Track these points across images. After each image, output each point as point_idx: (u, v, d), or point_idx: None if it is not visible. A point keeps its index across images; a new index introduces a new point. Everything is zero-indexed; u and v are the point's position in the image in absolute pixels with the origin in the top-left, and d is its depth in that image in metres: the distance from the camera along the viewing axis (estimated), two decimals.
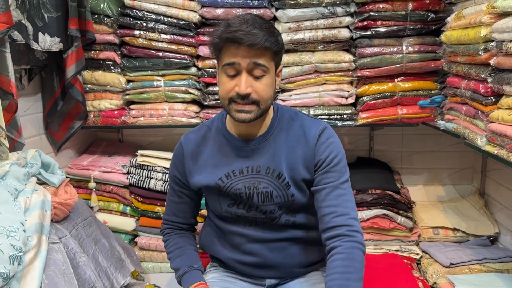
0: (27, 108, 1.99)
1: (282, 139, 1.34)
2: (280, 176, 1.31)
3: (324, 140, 1.31)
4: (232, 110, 1.25)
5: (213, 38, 1.24)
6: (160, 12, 2.04)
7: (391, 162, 2.49)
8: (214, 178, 1.35)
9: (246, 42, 1.17)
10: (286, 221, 1.37)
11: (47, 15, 1.82)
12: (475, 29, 1.52)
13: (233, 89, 1.22)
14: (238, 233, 1.40)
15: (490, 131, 1.48)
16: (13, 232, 1.27)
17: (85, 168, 2.24)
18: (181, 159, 1.42)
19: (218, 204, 1.40)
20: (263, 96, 1.24)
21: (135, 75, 2.14)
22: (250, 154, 1.34)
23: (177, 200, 1.48)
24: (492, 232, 2.11)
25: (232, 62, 1.21)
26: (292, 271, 1.42)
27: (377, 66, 2.02)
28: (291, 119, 1.37)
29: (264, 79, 1.23)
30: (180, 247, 1.46)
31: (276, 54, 1.25)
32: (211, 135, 1.40)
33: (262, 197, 1.33)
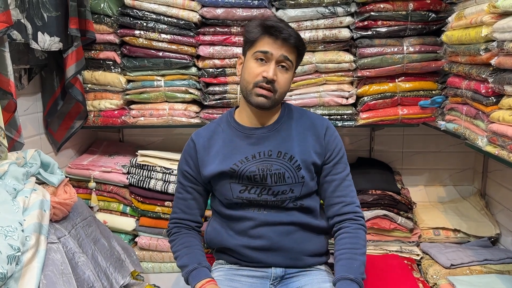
0: (27, 107, 1.99)
1: (292, 128, 1.48)
2: (292, 158, 1.43)
3: (332, 132, 1.49)
4: (253, 94, 1.39)
5: (251, 28, 1.40)
6: (160, 12, 2.03)
7: (391, 163, 2.49)
8: (228, 164, 1.44)
9: (285, 34, 1.35)
10: (294, 204, 1.46)
11: (47, 15, 1.81)
12: (476, 29, 1.51)
13: (260, 75, 1.37)
14: (246, 217, 1.46)
15: (491, 132, 1.48)
16: (11, 232, 1.26)
17: (85, 168, 2.23)
18: (192, 154, 1.50)
19: (229, 191, 1.46)
20: (282, 87, 1.40)
21: (135, 75, 2.14)
22: (261, 141, 1.46)
23: (186, 196, 1.53)
24: (493, 233, 2.11)
25: (266, 50, 1.37)
26: (297, 258, 1.46)
27: (378, 66, 2.01)
28: (298, 112, 1.53)
29: (287, 73, 1.41)
30: (188, 246, 1.48)
31: (300, 56, 1.44)
32: (221, 129, 1.52)
33: (275, 178, 1.43)
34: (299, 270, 1.48)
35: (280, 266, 1.47)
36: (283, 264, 1.47)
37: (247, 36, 1.42)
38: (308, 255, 1.48)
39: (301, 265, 1.48)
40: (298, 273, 1.48)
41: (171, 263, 2.22)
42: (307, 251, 1.47)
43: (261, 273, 1.47)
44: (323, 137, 1.46)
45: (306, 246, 1.47)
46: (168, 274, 2.22)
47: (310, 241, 1.48)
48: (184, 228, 1.54)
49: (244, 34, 1.44)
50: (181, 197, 1.54)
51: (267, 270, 1.47)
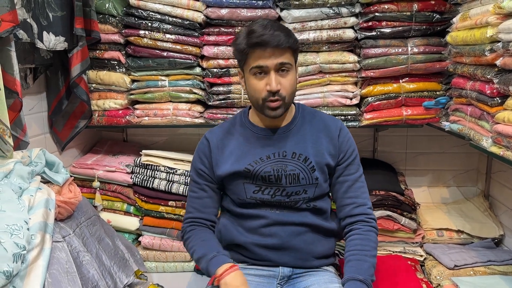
0: (32, 107, 2.00)
1: (306, 129, 1.48)
2: (307, 159, 1.43)
3: (345, 134, 1.49)
4: (266, 108, 1.38)
5: (238, 46, 1.37)
6: (165, 12, 2.04)
7: (395, 163, 2.48)
8: (242, 164, 1.44)
9: (273, 44, 1.31)
10: (307, 205, 1.46)
11: (52, 14, 1.82)
12: (481, 29, 1.51)
13: (264, 89, 1.36)
14: (259, 215, 1.46)
15: (495, 132, 1.47)
16: (17, 230, 1.27)
17: (89, 167, 2.24)
18: (206, 152, 1.50)
19: (243, 191, 1.46)
20: (288, 91, 1.38)
21: (140, 75, 2.14)
22: (275, 142, 1.46)
23: (201, 194, 1.51)
24: (496, 234, 2.10)
25: (260, 65, 1.34)
26: (306, 259, 1.47)
27: (382, 67, 2.01)
28: (311, 113, 1.53)
29: (289, 75, 1.38)
30: (204, 239, 1.46)
31: (295, 51, 1.40)
32: (236, 129, 1.52)
33: (290, 178, 1.43)
34: (306, 270, 1.48)
35: (288, 266, 1.47)
36: (291, 264, 1.47)
37: (237, 53, 1.40)
38: (317, 256, 1.48)
39: (309, 266, 1.48)
40: (305, 273, 1.48)
41: (175, 263, 2.22)
42: (315, 252, 1.47)
43: (268, 272, 1.47)
44: (336, 139, 1.46)
45: (315, 247, 1.47)
46: (172, 274, 2.22)
47: (319, 243, 1.48)
48: (199, 226, 1.51)
49: (234, 50, 1.42)
50: (196, 196, 1.52)
51: (274, 269, 1.47)
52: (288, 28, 1.39)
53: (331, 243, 1.53)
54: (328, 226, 1.49)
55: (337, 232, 1.52)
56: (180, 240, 2.18)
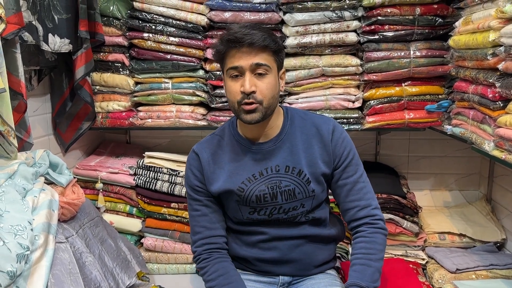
0: (36, 108, 2.01)
1: (297, 137, 1.40)
2: (301, 173, 1.37)
3: (338, 135, 1.40)
4: (241, 113, 1.30)
5: (216, 47, 1.31)
6: (168, 15, 2.05)
7: (397, 167, 2.49)
8: (235, 183, 1.38)
9: (246, 41, 1.24)
10: (306, 218, 1.42)
11: (57, 17, 1.84)
12: (484, 33, 1.51)
13: (239, 91, 1.28)
14: (257, 232, 1.43)
15: (497, 136, 1.48)
16: (20, 231, 1.28)
17: (93, 168, 2.25)
18: (198, 167, 1.42)
19: (238, 212, 1.42)
20: (266, 95, 1.29)
21: (143, 77, 2.16)
22: (267, 156, 1.39)
23: (205, 211, 1.43)
24: (498, 238, 2.10)
25: (235, 66, 1.27)
26: (305, 268, 1.45)
27: (384, 70, 2.02)
28: (302, 118, 1.43)
29: (267, 78, 1.29)
30: (222, 274, 1.36)
31: (276, 54, 1.31)
32: (225, 143, 1.44)
33: (286, 195, 1.38)
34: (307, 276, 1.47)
35: (288, 275, 1.46)
36: (291, 274, 1.46)
37: (215, 55, 1.33)
38: (317, 265, 1.46)
39: (309, 274, 1.47)
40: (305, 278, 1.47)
41: (177, 265, 2.23)
42: (316, 261, 1.45)
43: (269, 279, 1.47)
44: (329, 143, 1.38)
45: (315, 256, 1.45)
46: (174, 276, 2.23)
47: (319, 251, 1.45)
48: (215, 252, 1.41)
49: (213, 54, 1.36)
50: (200, 214, 1.43)
51: (275, 277, 1.46)
52: (270, 31, 1.32)
53: (331, 249, 1.50)
54: (327, 234, 1.46)
55: (337, 236, 1.50)
56: (182, 242, 2.18)
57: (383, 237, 1.37)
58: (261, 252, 1.43)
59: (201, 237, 1.42)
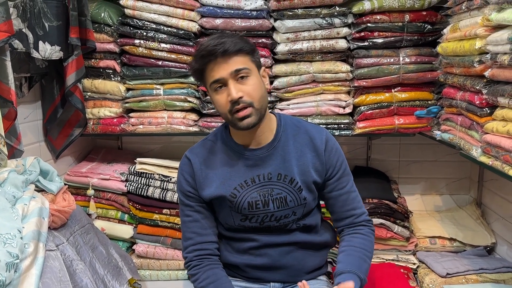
0: (27, 115, 2.01)
1: (290, 145, 1.39)
2: (293, 181, 1.37)
3: (331, 146, 1.40)
4: (235, 121, 1.29)
5: (193, 66, 1.31)
6: (160, 21, 2.06)
7: (388, 172, 2.50)
8: (228, 189, 1.37)
9: (219, 51, 1.24)
10: (297, 225, 1.42)
11: (48, 24, 1.84)
12: (470, 41, 1.53)
13: (227, 101, 1.27)
14: (248, 239, 1.42)
15: (485, 142, 1.49)
16: (10, 239, 1.27)
17: (84, 175, 2.25)
18: (190, 173, 1.41)
19: (230, 218, 1.41)
20: (254, 96, 1.28)
21: (135, 84, 2.16)
22: (260, 163, 1.38)
23: (197, 217, 1.41)
24: (488, 242, 2.12)
25: (216, 79, 1.27)
26: (296, 275, 1.44)
27: (374, 77, 2.04)
28: (295, 125, 1.43)
29: (250, 80, 1.29)
30: (213, 281, 1.35)
31: (251, 54, 1.31)
32: (218, 148, 1.42)
33: (278, 203, 1.38)
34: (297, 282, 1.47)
35: (279, 282, 1.46)
36: (282, 280, 1.45)
37: (195, 75, 1.35)
38: (308, 271, 1.46)
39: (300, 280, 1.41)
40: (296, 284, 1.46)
41: (169, 271, 2.22)
42: (307, 267, 1.45)
43: (260, 286, 1.46)
44: (323, 153, 1.38)
45: (306, 263, 1.45)
46: (166, 282, 2.22)
47: (310, 258, 1.45)
48: (206, 258, 1.40)
49: (192, 74, 1.38)
50: (192, 220, 1.41)
51: (266, 284, 1.46)
52: (239, 35, 1.32)
53: (323, 255, 1.50)
54: (318, 240, 1.46)
55: (329, 242, 1.50)
56: (173, 248, 2.18)
57: (373, 238, 1.44)
58: (252, 258, 1.43)
59: (192, 243, 1.41)
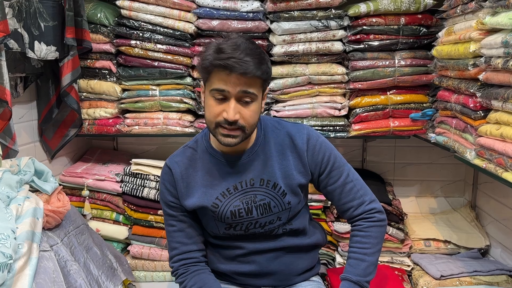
0: (22, 115, 2.00)
1: (271, 149, 1.35)
2: (276, 185, 1.34)
3: (314, 143, 1.35)
4: (218, 134, 1.25)
5: (203, 61, 1.22)
6: (156, 22, 2.06)
7: (383, 174, 2.51)
8: (210, 198, 1.34)
9: (239, 71, 1.17)
10: (283, 230, 1.39)
11: (44, 24, 1.84)
12: (465, 44, 1.55)
13: (221, 114, 1.22)
14: (235, 246, 1.40)
15: (479, 145, 1.50)
16: (3, 239, 1.27)
17: (79, 176, 2.24)
18: (172, 182, 1.37)
19: (215, 227, 1.39)
20: (249, 122, 1.24)
21: (131, 84, 2.16)
22: (241, 169, 1.34)
23: (181, 226, 1.38)
24: (483, 245, 2.13)
25: (222, 89, 1.20)
26: (285, 279, 1.43)
27: (370, 79, 2.04)
28: (275, 127, 1.39)
29: (252, 105, 1.24)
30: (201, 286, 1.33)
31: (265, 81, 1.27)
32: (198, 156, 1.38)
33: (261, 209, 1.34)
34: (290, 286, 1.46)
35: (269, 287, 1.44)
36: (272, 285, 1.44)
37: (201, 67, 1.25)
38: (298, 274, 1.45)
39: (291, 284, 1.46)
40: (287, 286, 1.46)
41: (163, 272, 2.22)
42: (297, 270, 1.44)
43: None
44: (305, 154, 1.34)
45: (296, 266, 1.43)
46: (160, 283, 2.22)
47: (300, 260, 1.44)
48: (191, 265, 1.38)
49: (198, 63, 1.29)
50: (176, 229, 1.38)
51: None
52: (263, 54, 1.24)
53: (313, 255, 1.49)
54: (307, 243, 1.44)
55: (318, 243, 1.49)
56: None
57: (379, 229, 1.36)
58: (239, 266, 1.41)
59: (178, 252, 1.38)
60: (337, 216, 2.14)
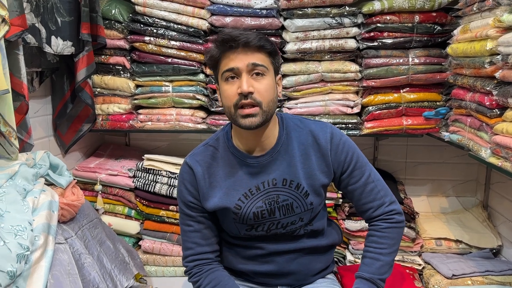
0: (37, 109, 2.02)
1: (294, 149, 1.34)
2: (299, 186, 1.32)
3: (337, 142, 1.34)
4: (238, 117, 1.23)
5: (210, 52, 1.26)
6: (170, 19, 2.07)
7: (395, 173, 2.50)
8: (232, 200, 1.32)
9: (241, 40, 1.19)
10: (305, 231, 1.39)
11: (60, 19, 1.85)
12: (481, 42, 1.53)
13: (236, 93, 1.22)
14: (255, 247, 1.40)
15: (494, 143, 1.49)
16: (21, 231, 1.29)
17: (92, 170, 2.26)
18: (192, 182, 1.35)
19: (235, 229, 1.38)
20: (265, 97, 1.23)
21: (144, 80, 2.17)
22: (264, 169, 1.33)
23: (198, 227, 1.37)
24: (495, 245, 2.11)
25: (231, 67, 1.21)
26: (304, 279, 1.44)
27: (383, 77, 2.04)
28: (297, 126, 1.37)
29: (265, 79, 1.23)
30: (217, 284, 1.32)
31: (272, 56, 1.27)
32: (220, 155, 1.36)
33: (284, 210, 1.33)
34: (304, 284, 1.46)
35: (286, 286, 1.45)
36: (289, 284, 1.45)
37: (209, 61, 1.27)
38: (313, 274, 1.45)
39: (307, 283, 1.46)
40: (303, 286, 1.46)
41: (174, 267, 2.23)
42: (313, 270, 1.44)
43: None
44: (328, 154, 1.33)
45: (313, 266, 1.44)
46: (171, 278, 2.23)
47: (317, 260, 1.44)
48: (205, 265, 1.37)
49: (207, 60, 1.30)
50: (193, 229, 1.37)
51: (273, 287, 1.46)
52: (264, 34, 1.28)
53: (329, 255, 1.49)
54: (325, 243, 1.44)
55: (335, 242, 1.49)
56: (179, 245, 2.19)
57: (397, 230, 1.35)
58: (258, 265, 1.41)
59: (192, 253, 1.37)
60: (348, 214, 2.14)
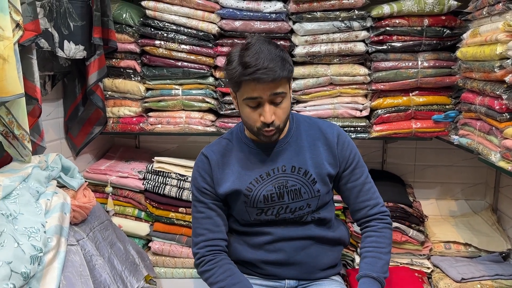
0: (49, 112, 2.05)
1: (303, 140, 1.46)
2: (307, 173, 1.43)
3: (343, 139, 1.48)
4: (261, 135, 1.38)
5: (231, 76, 1.31)
6: (180, 23, 2.09)
7: (404, 176, 2.50)
8: (244, 183, 1.43)
9: (268, 80, 1.26)
10: (312, 217, 1.47)
11: (73, 24, 1.88)
12: (491, 46, 1.53)
13: (259, 119, 1.34)
14: (264, 232, 1.46)
15: (504, 147, 1.49)
16: (34, 233, 1.31)
17: (103, 172, 2.28)
18: (207, 170, 1.47)
19: (246, 214, 1.46)
20: (283, 119, 1.36)
21: (154, 84, 2.19)
22: (274, 157, 1.45)
23: (210, 214, 1.45)
24: (504, 249, 2.10)
25: (254, 97, 1.30)
26: (311, 272, 1.48)
27: (392, 80, 2.04)
28: (307, 122, 1.51)
29: (284, 103, 1.35)
30: (231, 275, 1.38)
31: (290, 77, 1.36)
32: (233, 146, 1.49)
33: (292, 194, 1.43)
34: (313, 280, 1.50)
35: (294, 279, 1.48)
36: (296, 277, 1.48)
37: (229, 80, 1.34)
38: (322, 269, 1.49)
39: (315, 278, 1.49)
40: (311, 283, 1.49)
41: (183, 269, 2.25)
42: (321, 264, 1.48)
43: (275, 284, 1.49)
44: (335, 147, 1.45)
45: (321, 259, 1.48)
46: (180, 280, 2.25)
47: (324, 254, 1.48)
48: (218, 253, 1.43)
49: (225, 75, 1.37)
50: (205, 216, 1.45)
51: (281, 281, 1.49)
52: (283, 54, 1.32)
53: (337, 252, 1.54)
54: (332, 236, 1.50)
55: (342, 239, 1.53)
56: (189, 247, 2.21)
57: (390, 231, 1.48)
58: (266, 254, 1.46)
59: (204, 239, 1.44)
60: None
